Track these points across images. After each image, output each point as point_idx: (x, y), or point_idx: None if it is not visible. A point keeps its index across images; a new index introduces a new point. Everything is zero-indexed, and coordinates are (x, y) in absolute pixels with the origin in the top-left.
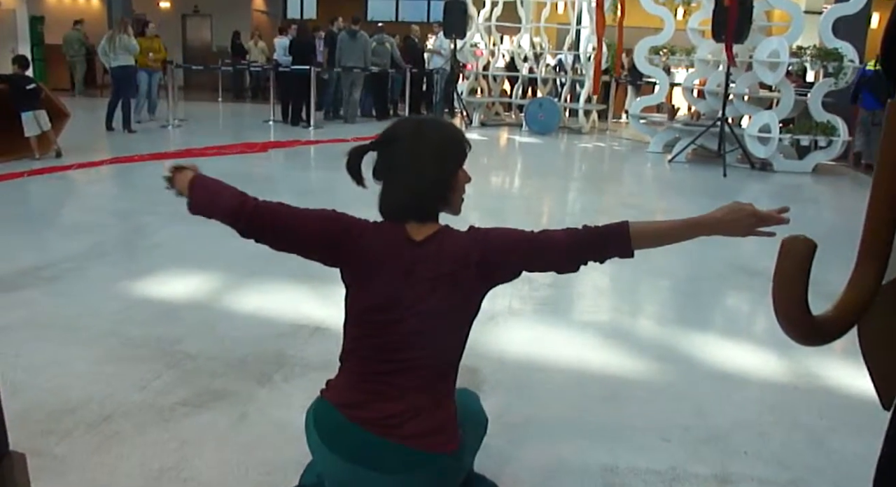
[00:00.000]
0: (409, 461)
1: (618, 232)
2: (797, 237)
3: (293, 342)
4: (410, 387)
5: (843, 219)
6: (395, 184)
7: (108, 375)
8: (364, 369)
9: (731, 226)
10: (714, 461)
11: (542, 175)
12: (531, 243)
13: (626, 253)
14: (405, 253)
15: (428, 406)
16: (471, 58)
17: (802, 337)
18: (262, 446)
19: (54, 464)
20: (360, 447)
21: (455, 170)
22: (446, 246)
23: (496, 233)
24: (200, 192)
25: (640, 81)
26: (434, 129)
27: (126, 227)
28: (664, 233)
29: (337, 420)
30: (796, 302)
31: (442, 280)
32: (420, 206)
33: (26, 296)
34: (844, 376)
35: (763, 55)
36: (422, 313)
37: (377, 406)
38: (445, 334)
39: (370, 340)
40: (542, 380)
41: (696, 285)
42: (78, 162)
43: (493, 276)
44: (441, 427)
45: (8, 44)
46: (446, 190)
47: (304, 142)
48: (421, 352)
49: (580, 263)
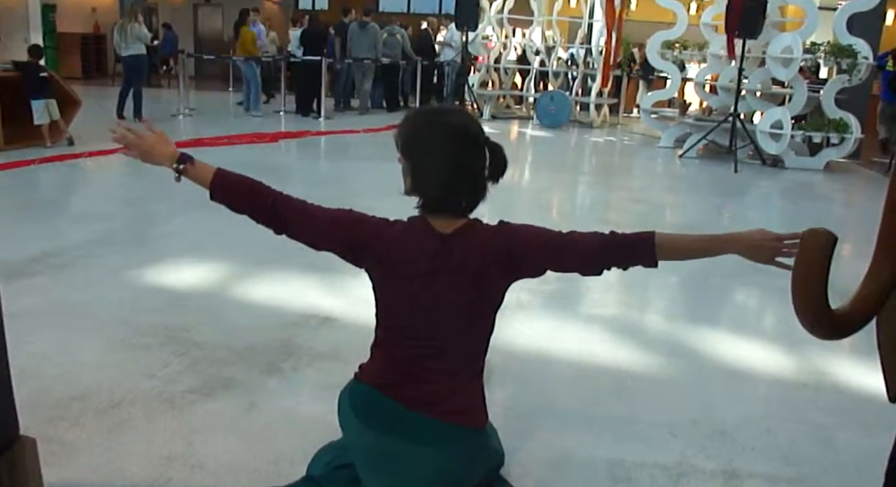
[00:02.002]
0: (443, 434)
1: (645, 242)
2: (818, 230)
3: (302, 332)
4: (440, 370)
5: (855, 217)
6: (430, 178)
7: (118, 362)
8: (396, 354)
9: (757, 248)
10: (721, 456)
11: (552, 169)
12: (558, 244)
13: (651, 264)
14: (432, 246)
15: (459, 385)
16: (482, 50)
17: (821, 330)
18: (270, 435)
19: (64, 450)
20: (396, 421)
21: (485, 161)
22: (473, 241)
23: (524, 231)
24: (221, 188)
25: (652, 76)
26: (461, 119)
27: (136, 216)
28: (690, 247)
29: (373, 397)
30: (816, 295)
31: (467, 274)
32: (455, 200)
33: (36, 283)
34: (852, 373)
35: (776, 51)
36: (447, 305)
37: (411, 387)
38: (471, 324)
39: (400, 330)
40: (550, 373)
41: (705, 281)
42: (89, 150)
43: (517, 273)
44: (472, 404)
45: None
46: (482, 181)
47: (315, 133)
48: (448, 340)
49: (604, 268)
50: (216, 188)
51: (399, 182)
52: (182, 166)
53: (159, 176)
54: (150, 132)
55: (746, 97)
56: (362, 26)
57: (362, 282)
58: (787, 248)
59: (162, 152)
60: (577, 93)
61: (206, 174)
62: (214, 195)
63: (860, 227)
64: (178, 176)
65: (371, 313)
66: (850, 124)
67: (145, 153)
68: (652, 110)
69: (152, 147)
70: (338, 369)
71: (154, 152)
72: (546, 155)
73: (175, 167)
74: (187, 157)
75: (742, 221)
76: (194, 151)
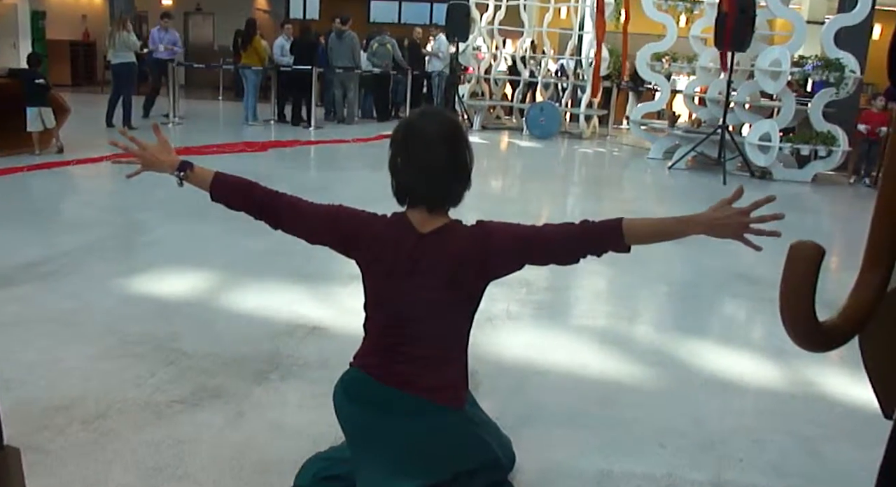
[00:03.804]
0: (420, 409)
1: (612, 228)
2: (805, 242)
3: (290, 341)
4: (419, 355)
5: (842, 229)
6: (411, 169)
7: (104, 372)
8: (378, 340)
9: (722, 224)
10: (710, 467)
11: (541, 179)
12: (530, 241)
13: (621, 249)
14: (410, 245)
15: (435, 368)
16: (472, 61)
17: (808, 342)
18: (258, 445)
19: (49, 460)
20: (377, 395)
21: (468, 156)
22: (449, 244)
23: (498, 233)
24: (220, 188)
25: (642, 87)
26: (444, 117)
27: (124, 224)
28: (657, 229)
29: (359, 377)
30: (803, 307)
31: (441, 275)
32: (433, 193)
33: (22, 292)
34: (841, 385)
35: (765, 64)
36: (420, 301)
37: (392, 368)
38: (446, 319)
39: (380, 318)
40: (539, 384)
41: (694, 292)
42: (77, 158)
43: (493, 273)
44: (449, 385)
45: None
46: (463, 175)
47: (305, 142)
48: (421, 331)
49: (579, 257)
50: (215, 189)
51: (387, 191)
52: (183, 173)
53: (147, 184)
54: (155, 139)
55: (735, 109)
56: (339, 35)
57: (350, 292)
58: (752, 222)
59: (164, 161)
60: (567, 104)
61: (205, 177)
62: (214, 195)
63: (848, 239)
64: (181, 182)
65: (358, 323)
66: (837, 137)
67: (148, 162)
68: (641, 122)
69: (154, 156)
70: (325, 379)
71: (156, 161)
72: (536, 165)
73: (177, 174)
74: (187, 164)
75: None
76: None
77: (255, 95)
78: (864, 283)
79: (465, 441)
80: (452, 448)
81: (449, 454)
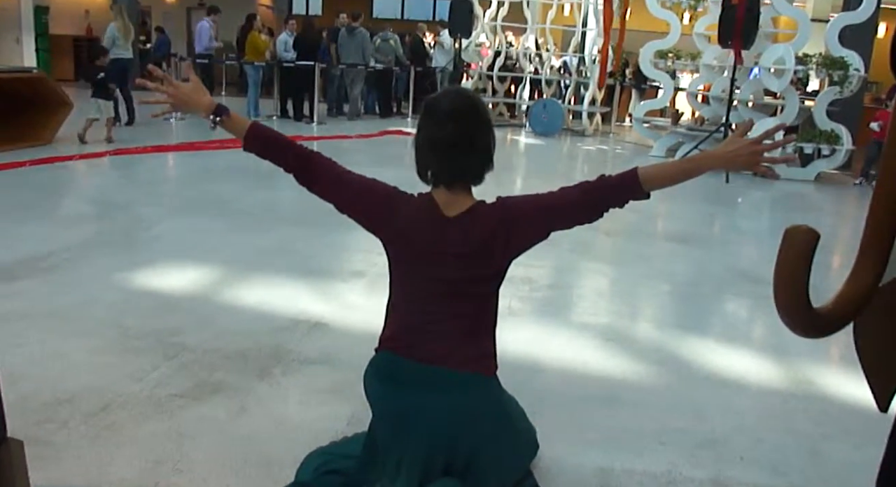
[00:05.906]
0: (455, 381)
1: (629, 176)
2: (799, 226)
3: (292, 336)
4: (447, 331)
5: (845, 228)
6: (425, 145)
7: (106, 366)
8: (407, 319)
9: (734, 159)
10: (710, 465)
11: (544, 176)
12: (552, 206)
13: (641, 195)
14: (436, 229)
15: (465, 343)
16: (476, 57)
17: (801, 327)
18: (260, 440)
19: (51, 452)
20: (411, 374)
21: (484, 134)
22: (474, 227)
23: (520, 206)
24: (255, 138)
25: (645, 85)
26: (460, 94)
27: (126, 219)
28: (673, 171)
29: (390, 358)
30: (797, 292)
31: (466, 257)
32: (443, 169)
33: (25, 286)
34: (841, 384)
35: (768, 62)
36: (448, 281)
37: (423, 347)
38: (472, 296)
39: (407, 296)
40: (540, 381)
41: (696, 290)
42: (79, 153)
43: (518, 246)
44: (481, 355)
45: (12, 34)
46: (474, 152)
47: (307, 138)
48: (452, 309)
49: (602, 210)
50: (250, 138)
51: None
52: (219, 118)
53: (149, 179)
54: (187, 80)
55: (738, 107)
56: (350, 31)
57: (352, 288)
58: (764, 149)
59: (198, 101)
60: (570, 101)
61: (242, 124)
62: (247, 145)
63: (850, 238)
64: (214, 125)
65: (361, 318)
66: (841, 136)
67: (181, 102)
68: (644, 119)
69: (189, 96)
70: (327, 374)
71: (191, 102)
72: (538, 162)
73: (212, 118)
74: (224, 108)
75: (734, 231)
76: (186, 155)
77: (256, 91)
78: (860, 268)
79: (499, 408)
80: (487, 409)
81: (483, 416)
